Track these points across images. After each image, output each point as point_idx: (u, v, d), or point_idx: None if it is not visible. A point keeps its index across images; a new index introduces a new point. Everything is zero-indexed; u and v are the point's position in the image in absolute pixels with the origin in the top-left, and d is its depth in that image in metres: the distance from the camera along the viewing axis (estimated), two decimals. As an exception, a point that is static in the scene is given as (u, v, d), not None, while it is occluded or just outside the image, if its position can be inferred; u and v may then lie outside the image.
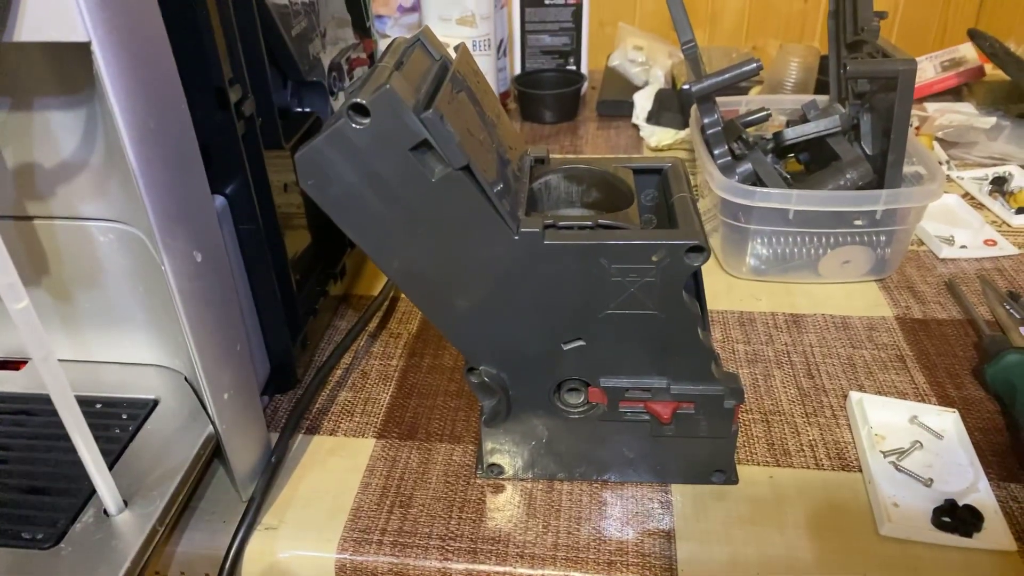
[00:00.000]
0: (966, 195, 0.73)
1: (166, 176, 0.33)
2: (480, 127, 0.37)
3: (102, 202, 0.39)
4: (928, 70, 0.96)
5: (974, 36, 0.87)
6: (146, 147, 0.32)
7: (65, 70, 0.35)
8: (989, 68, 0.92)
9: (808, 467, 0.45)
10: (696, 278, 0.41)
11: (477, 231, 0.35)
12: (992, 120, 0.80)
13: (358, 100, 0.31)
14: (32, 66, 0.35)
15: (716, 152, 0.60)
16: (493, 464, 0.44)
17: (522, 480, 0.44)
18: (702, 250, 0.35)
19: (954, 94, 0.94)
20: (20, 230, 0.40)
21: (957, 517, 0.40)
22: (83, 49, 0.29)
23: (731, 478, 0.43)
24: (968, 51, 0.94)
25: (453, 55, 0.39)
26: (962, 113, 0.82)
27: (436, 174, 0.33)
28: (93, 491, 0.37)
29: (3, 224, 0.39)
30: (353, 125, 0.32)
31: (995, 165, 0.77)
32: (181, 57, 0.34)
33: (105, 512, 0.36)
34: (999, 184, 0.72)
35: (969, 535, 0.40)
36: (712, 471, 0.43)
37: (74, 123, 0.36)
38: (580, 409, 0.41)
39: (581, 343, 0.39)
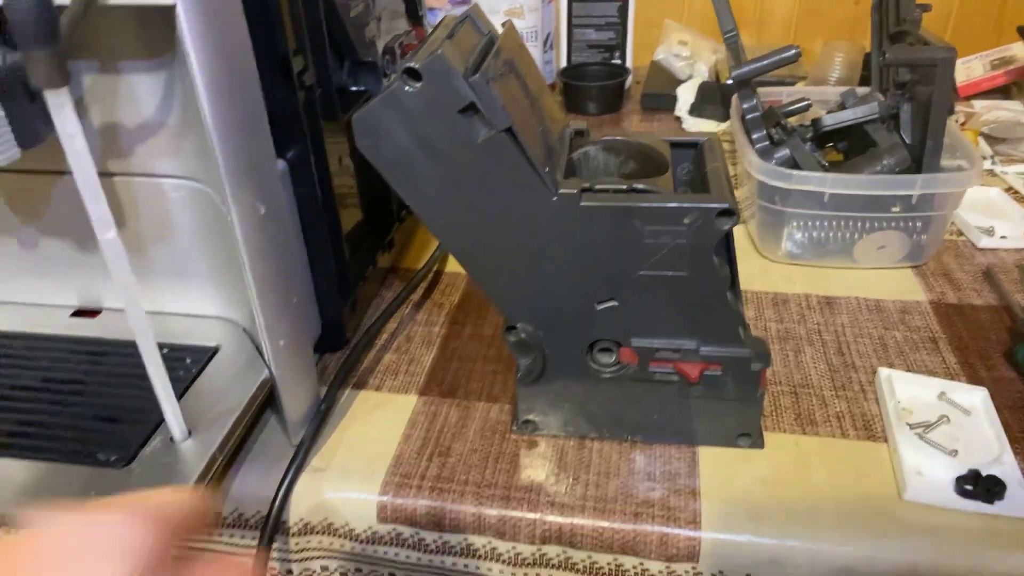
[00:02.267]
0: (1009, 189, 0.72)
1: (236, 133, 0.36)
2: (523, 96, 0.40)
3: (175, 160, 0.42)
4: (977, 68, 0.95)
5: (1023, 33, 0.86)
6: (220, 105, 0.35)
7: (148, 35, 0.38)
8: (1040, 66, 0.91)
9: (834, 436, 0.46)
10: (728, 244, 0.43)
11: (518, 192, 0.37)
12: (1040, 117, 0.79)
13: (412, 65, 0.34)
14: (119, 32, 0.38)
15: (754, 137, 0.62)
16: (527, 421, 0.46)
17: (554, 437, 0.46)
18: (732, 214, 0.37)
19: (1003, 92, 0.93)
20: (101, 185, 0.44)
21: (980, 485, 0.41)
22: (168, 13, 0.33)
23: (756, 442, 0.45)
24: (1019, 50, 0.94)
25: (500, 32, 0.42)
26: (1009, 110, 0.82)
27: (481, 136, 0.36)
28: (160, 421, 0.40)
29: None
30: (406, 88, 0.35)
31: (1041, 161, 0.76)
32: (251, 26, 0.37)
33: (171, 439, 0.39)
34: (1044, 179, 0.72)
35: (991, 503, 0.40)
36: (738, 434, 0.45)
37: (154, 86, 0.40)
38: (612, 368, 0.43)
39: (614, 303, 0.41)
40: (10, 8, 0.25)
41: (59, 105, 0.28)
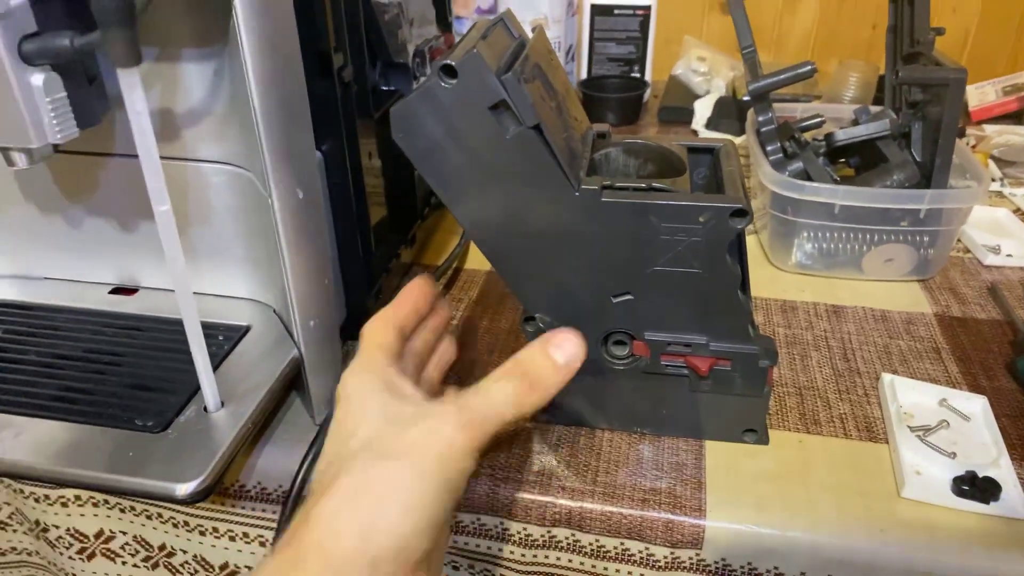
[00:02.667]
0: (1017, 211, 0.74)
1: (281, 120, 0.39)
2: (549, 97, 0.42)
3: (220, 146, 0.45)
4: (990, 94, 0.97)
5: (1037, 60, 0.88)
6: (268, 93, 0.37)
7: (202, 26, 0.41)
8: (1052, 94, 0.93)
9: (837, 435, 0.47)
10: (740, 245, 0.45)
11: (542, 186, 0.39)
12: (1049, 142, 0.81)
13: (448, 62, 0.36)
14: (177, 21, 0.41)
15: (769, 149, 0.64)
16: (541, 410, 0.48)
17: (566, 427, 0.48)
18: (745, 214, 0.39)
19: (1014, 118, 0.95)
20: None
21: (976, 486, 0.42)
22: (226, 5, 0.35)
23: (762, 438, 0.46)
24: (1032, 77, 0.95)
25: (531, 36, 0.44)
26: (1019, 135, 0.84)
27: (510, 132, 0.38)
28: (194, 391, 0.43)
29: (136, 162, 0.45)
30: (442, 84, 0.37)
31: (1050, 185, 0.78)
32: (297, 22, 0.39)
33: (205, 409, 0.42)
34: (1051, 202, 0.73)
35: (987, 503, 0.42)
36: (744, 430, 0.46)
37: (204, 74, 0.42)
38: (625, 361, 0.45)
39: (629, 297, 0.42)
40: (94, -8, 0.28)
41: (131, 84, 0.31)
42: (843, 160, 0.70)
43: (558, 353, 0.35)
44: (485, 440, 0.31)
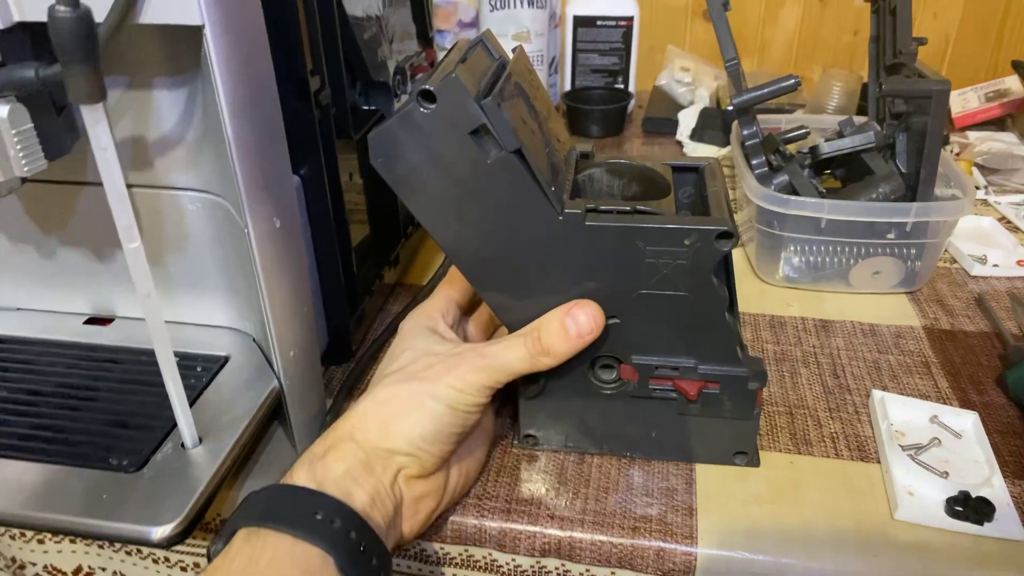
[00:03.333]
0: (1002, 219, 0.74)
1: (256, 149, 0.38)
2: (531, 119, 0.41)
3: (194, 173, 0.43)
4: (972, 100, 0.97)
5: (1017, 67, 0.89)
6: (241, 122, 0.36)
7: (174, 53, 0.40)
8: (1034, 100, 0.93)
9: (828, 456, 0.47)
10: (727, 266, 0.44)
11: (525, 210, 0.39)
12: (1032, 149, 0.81)
13: (427, 87, 0.36)
14: (146, 49, 0.40)
15: (754, 163, 0.63)
16: (528, 435, 0.47)
17: (554, 452, 0.47)
18: (731, 236, 0.38)
19: (997, 124, 0.95)
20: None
21: (969, 507, 0.42)
22: (195, 32, 0.34)
23: (753, 460, 0.46)
24: (1014, 83, 0.96)
25: (511, 56, 0.44)
26: (1002, 142, 0.84)
27: (491, 156, 0.37)
28: (171, 427, 0.41)
29: (108, 189, 0.44)
30: (421, 109, 0.36)
31: (1034, 192, 0.78)
32: (272, 47, 0.38)
33: (182, 445, 0.40)
34: (1036, 209, 0.73)
35: (980, 524, 0.41)
36: (734, 452, 0.46)
37: (176, 102, 0.41)
38: (612, 385, 0.44)
39: (615, 320, 0.42)
40: (54, 25, 0.27)
41: (95, 120, 0.29)
42: (828, 172, 0.70)
43: (571, 324, 0.39)
44: (495, 385, 0.39)
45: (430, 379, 0.39)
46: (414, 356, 0.40)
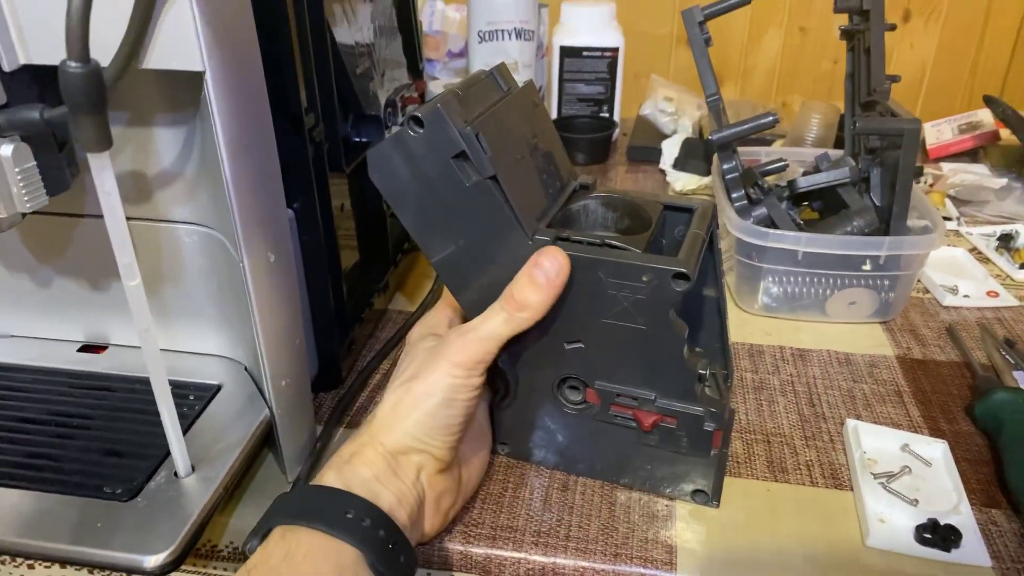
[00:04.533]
0: (973, 249, 0.77)
1: (252, 186, 0.39)
2: (524, 149, 0.43)
3: (191, 207, 0.45)
4: (946, 132, 1.01)
5: (988, 102, 0.92)
6: (239, 161, 0.38)
7: (174, 93, 0.41)
8: (1005, 132, 0.96)
9: (804, 484, 0.48)
10: (720, 316, 0.46)
11: (499, 232, 0.41)
12: (1003, 181, 0.84)
13: (416, 113, 0.39)
14: (147, 89, 0.41)
15: (733, 196, 0.65)
16: (502, 443, 0.49)
17: (539, 480, 0.49)
18: (686, 278, 0.39)
19: (971, 156, 0.98)
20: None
21: (938, 534, 0.43)
22: (196, 77, 0.36)
23: (711, 502, 0.46)
24: (986, 116, 0.99)
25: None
26: (974, 173, 0.87)
27: (470, 180, 0.40)
28: (164, 456, 0.42)
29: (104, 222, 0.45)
30: (410, 132, 0.39)
31: (1004, 223, 0.81)
32: (268, 86, 0.40)
33: (176, 474, 0.41)
34: (1006, 241, 0.76)
35: (948, 551, 0.43)
36: (693, 490, 0.46)
37: (175, 139, 0.43)
38: (578, 406, 0.46)
39: (580, 345, 0.43)
40: (65, 79, 0.28)
41: (101, 167, 0.31)
42: (806, 204, 0.72)
43: (539, 273, 0.41)
44: (485, 357, 0.41)
45: (423, 376, 0.41)
46: (418, 362, 0.43)
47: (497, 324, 0.41)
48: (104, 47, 0.32)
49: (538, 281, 0.41)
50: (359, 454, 0.40)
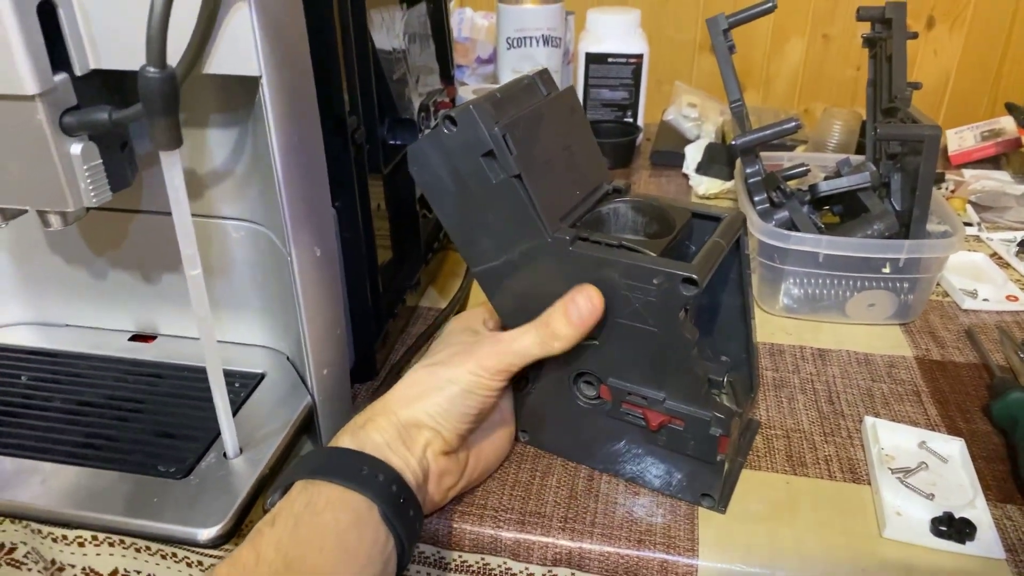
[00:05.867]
0: (994, 255, 0.78)
1: (301, 184, 0.42)
2: (556, 151, 0.45)
3: (240, 204, 0.47)
4: (968, 139, 1.01)
5: (1011, 109, 0.93)
6: (290, 159, 0.40)
7: (228, 96, 0.44)
8: (1027, 140, 0.97)
9: (822, 477, 0.50)
10: (746, 325, 0.49)
11: (522, 228, 0.43)
12: (1023, 188, 0.85)
13: (450, 113, 0.41)
14: (205, 92, 0.44)
15: (756, 199, 0.67)
16: (523, 431, 0.52)
17: (564, 471, 0.50)
18: (695, 283, 0.40)
19: (993, 162, 0.99)
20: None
21: (953, 527, 0.45)
22: (252, 81, 0.38)
23: (718, 507, 0.47)
24: (1008, 123, 1.00)
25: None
26: (996, 180, 0.88)
27: (498, 177, 0.42)
28: (213, 439, 0.45)
29: (163, 219, 0.48)
30: (445, 130, 0.42)
31: (1025, 229, 0.82)
32: (317, 91, 0.42)
33: (224, 455, 0.44)
34: (1026, 246, 0.77)
35: (963, 543, 0.44)
36: (701, 493, 0.47)
37: (228, 139, 0.45)
38: (592, 400, 0.48)
39: (595, 343, 0.45)
40: (144, 84, 0.31)
41: (171, 163, 0.33)
42: (827, 208, 0.73)
43: (573, 310, 0.43)
44: (510, 368, 0.44)
45: (451, 364, 0.44)
46: (449, 350, 0.46)
47: (530, 344, 0.44)
48: (170, 55, 0.35)
49: (571, 317, 0.43)
50: (373, 421, 0.42)
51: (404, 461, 0.41)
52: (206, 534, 0.39)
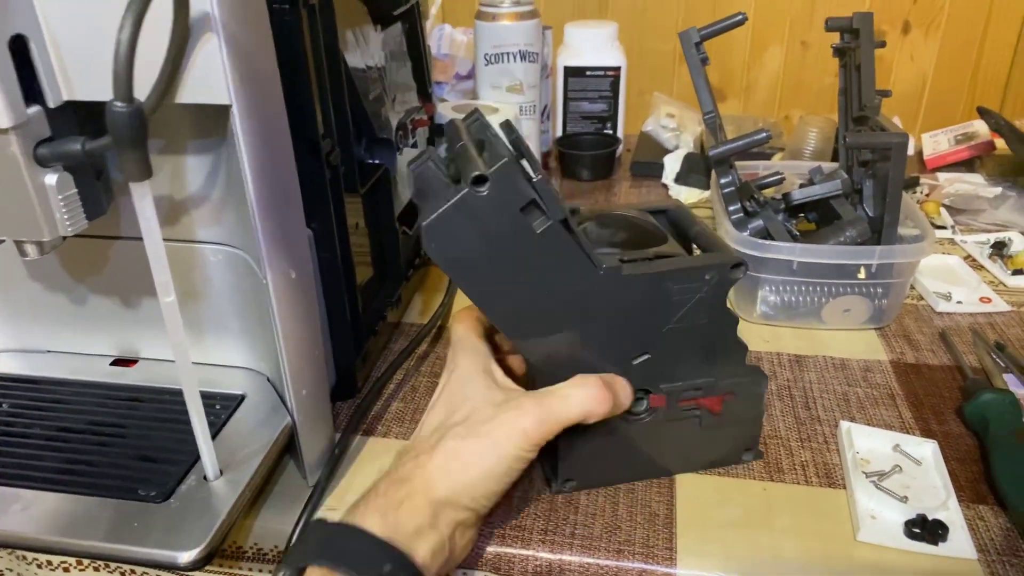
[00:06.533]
0: (968, 257, 0.79)
1: (274, 208, 0.42)
2: None
3: (216, 228, 0.48)
4: (943, 142, 1.03)
5: (982, 113, 0.94)
6: (262, 183, 0.41)
7: (202, 122, 0.44)
8: (1001, 143, 0.99)
9: (799, 483, 0.51)
10: None
11: (570, 270, 0.42)
12: (997, 190, 0.86)
13: (480, 173, 0.38)
14: (179, 120, 0.44)
15: (730, 209, 0.68)
16: (568, 480, 0.50)
17: (541, 478, 0.51)
18: (743, 265, 0.44)
19: (967, 166, 1.01)
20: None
21: (926, 528, 0.46)
22: (223, 109, 0.39)
23: (758, 453, 0.52)
24: (982, 126, 1.01)
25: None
26: (969, 183, 0.89)
27: (540, 227, 0.40)
28: (193, 462, 0.45)
29: (142, 244, 0.48)
30: (476, 193, 0.38)
31: (998, 231, 0.83)
32: (289, 116, 0.43)
33: (205, 477, 0.44)
34: (999, 248, 0.78)
35: (936, 544, 0.45)
36: (744, 449, 0.51)
37: (203, 165, 0.46)
38: (642, 415, 0.48)
39: (647, 356, 0.46)
40: (111, 118, 0.31)
41: (142, 195, 0.34)
42: (803, 215, 0.74)
43: (620, 390, 0.44)
44: (552, 436, 0.42)
45: (493, 435, 0.41)
46: (475, 407, 0.43)
47: (575, 414, 0.42)
48: (141, 85, 0.35)
49: (618, 395, 0.44)
50: (410, 501, 0.39)
51: (434, 547, 0.39)
52: (186, 557, 0.40)
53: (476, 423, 0.42)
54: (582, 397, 0.43)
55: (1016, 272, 0.74)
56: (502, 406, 0.42)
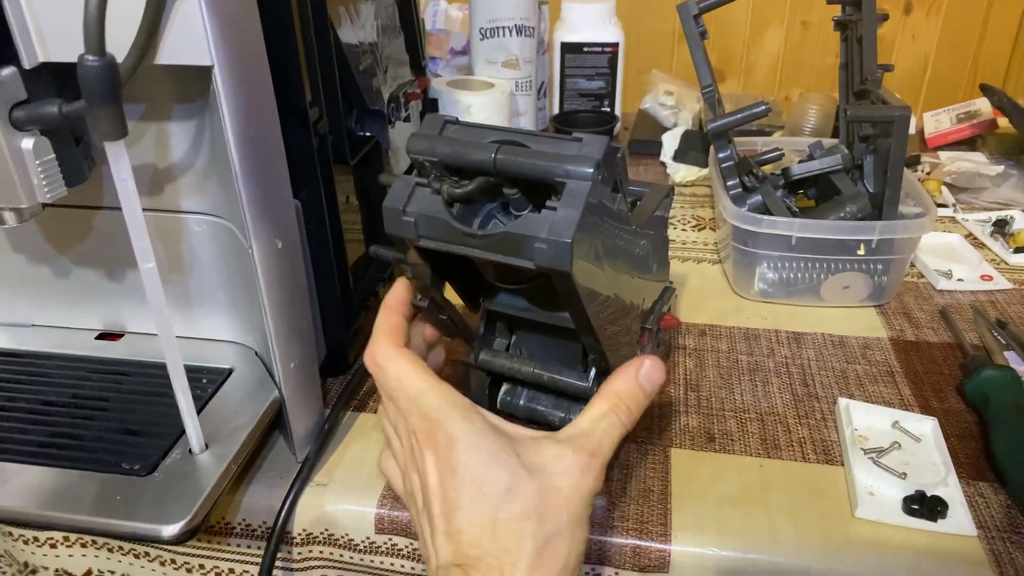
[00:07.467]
0: (969, 235, 0.78)
1: (259, 176, 0.41)
2: None
3: (200, 198, 0.47)
4: (945, 121, 1.02)
5: (986, 91, 0.93)
6: (246, 152, 0.40)
7: (183, 88, 0.43)
8: (1003, 121, 0.97)
9: (796, 460, 0.50)
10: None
11: (626, 238, 0.44)
12: (999, 168, 0.85)
13: (597, 157, 0.34)
14: (159, 83, 0.43)
15: (729, 184, 0.67)
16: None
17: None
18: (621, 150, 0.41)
19: (969, 144, 0.99)
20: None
21: (925, 505, 0.45)
22: (205, 71, 0.37)
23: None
24: (984, 104, 1.00)
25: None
26: (971, 161, 0.88)
27: (618, 205, 0.40)
28: (179, 435, 0.44)
29: (121, 214, 0.47)
30: (596, 179, 0.34)
31: (1000, 209, 0.82)
32: (274, 81, 0.42)
33: (190, 451, 0.43)
34: (1001, 226, 0.77)
35: (934, 520, 0.44)
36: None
37: (186, 132, 0.45)
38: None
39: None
40: (83, 72, 0.30)
41: (117, 155, 0.33)
42: (802, 191, 0.73)
43: (646, 382, 0.41)
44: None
45: (565, 519, 0.36)
46: (529, 493, 0.35)
47: (616, 437, 0.39)
48: (119, 46, 0.34)
49: (646, 389, 0.41)
50: None
51: None
52: (170, 530, 0.39)
53: (547, 515, 0.35)
54: (615, 425, 0.39)
55: (1018, 250, 0.73)
56: (552, 474, 0.36)
